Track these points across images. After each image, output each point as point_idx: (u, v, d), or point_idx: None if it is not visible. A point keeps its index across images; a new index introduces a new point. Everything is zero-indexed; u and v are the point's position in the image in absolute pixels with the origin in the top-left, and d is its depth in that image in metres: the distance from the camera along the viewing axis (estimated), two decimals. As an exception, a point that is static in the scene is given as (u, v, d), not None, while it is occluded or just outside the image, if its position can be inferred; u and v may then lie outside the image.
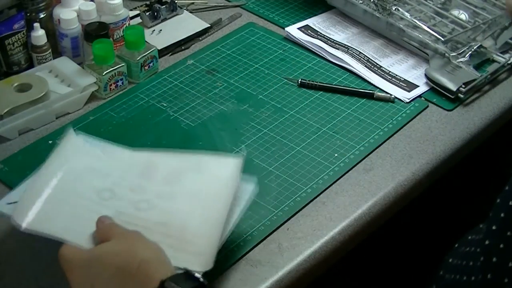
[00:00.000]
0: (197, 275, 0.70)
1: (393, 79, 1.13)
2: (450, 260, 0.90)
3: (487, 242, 0.75)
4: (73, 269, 0.72)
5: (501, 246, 0.72)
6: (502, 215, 0.73)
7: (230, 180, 0.83)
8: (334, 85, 1.11)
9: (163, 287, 0.67)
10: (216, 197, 0.82)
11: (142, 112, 1.05)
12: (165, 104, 1.07)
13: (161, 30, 1.22)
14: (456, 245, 0.92)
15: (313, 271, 0.85)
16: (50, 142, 0.98)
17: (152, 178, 0.85)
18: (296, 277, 0.83)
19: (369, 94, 1.10)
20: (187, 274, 0.70)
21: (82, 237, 0.76)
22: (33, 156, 0.96)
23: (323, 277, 0.88)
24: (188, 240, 0.78)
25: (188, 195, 0.83)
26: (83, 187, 0.83)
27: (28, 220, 0.77)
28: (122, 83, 1.09)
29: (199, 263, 0.74)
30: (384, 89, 1.11)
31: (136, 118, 1.04)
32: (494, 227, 0.74)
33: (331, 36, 1.21)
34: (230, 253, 0.83)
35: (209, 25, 1.24)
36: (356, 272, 1.06)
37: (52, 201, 0.80)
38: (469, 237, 0.90)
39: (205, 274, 0.72)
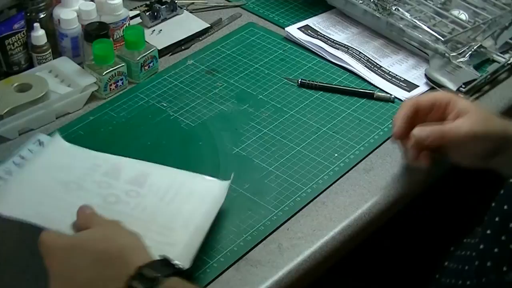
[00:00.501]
0: (175, 261, 0.70)
1: (393, 79, 1.13)
2: (446, 264, 0.90)
3: (481, 247, 0.75)
4: (53, 255, 0.71)
5: (495, 250, 0.72)
6: (496, 219, 0.73)
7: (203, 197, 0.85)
8: (334, 85, 1.11)
9: (140, 274, 0.67)
10: (188, 199, 0.84)
11: (142, 112, 1.05)
12: (165, 104, 1.07)
13: (161, 30, 1.22)
14: (452, 248, 0.92)
15: (313, 271, 0.85)
16: (50, 142, 0.98)
17: (118, 179, 0.86)
18: (296, 277, 0.83)
19: (369, 94, 1.10)
20: (165, 261, 0.70)
21: (61, 224, 0.77)
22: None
23: (323, 277, 0.88)
24: (167, 235, 0.78)
25: (157, 196, 0.84)
26: (48, 179, 0.84)
27: (5, 206, 0.78)
28: (122, 83, 1.09)
29: (178, 255, 0.74)
30: (384, 89, 1.11)
31: (136, 118, 1.04)
32: (488, 232, 0.74)
33: (331, 36, 1.21)
34: (230, 253, 0.83)
35: (209, 25, 1.24)
36: (356, 272, 1.06)
37: (29, 190, 0.82)
38: (465, 241, 0.90)
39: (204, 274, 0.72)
